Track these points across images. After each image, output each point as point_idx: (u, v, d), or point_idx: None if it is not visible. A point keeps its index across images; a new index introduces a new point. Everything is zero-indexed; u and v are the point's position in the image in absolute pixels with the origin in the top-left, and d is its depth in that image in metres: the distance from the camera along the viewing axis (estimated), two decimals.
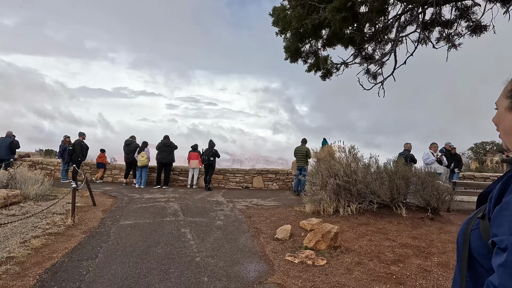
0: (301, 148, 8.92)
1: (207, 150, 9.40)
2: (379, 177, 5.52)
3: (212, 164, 9.37)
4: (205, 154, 9.27)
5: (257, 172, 9.95)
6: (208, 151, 9.31)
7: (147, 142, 9.80)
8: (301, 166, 8.78)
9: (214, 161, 9.39)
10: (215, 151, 9.39)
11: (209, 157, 9.18)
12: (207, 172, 9.48)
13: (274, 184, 9.92)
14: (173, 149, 9.74)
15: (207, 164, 9.28)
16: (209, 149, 9.36)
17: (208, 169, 9.40)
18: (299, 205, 7.14)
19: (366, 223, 5.13)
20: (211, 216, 5.83)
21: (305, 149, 8.85)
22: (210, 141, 9.57)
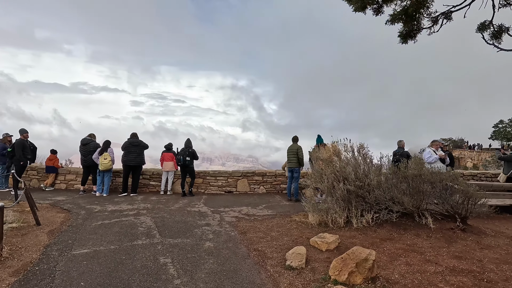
0: (292, 147, 7.95)
1: (183, 149, 8.18)
2: (400, 181, 4.68)
3: (189, 165, 8.13)
4: (181, 154, 8.04)
5: (241, 174, 8.81)
6: (184, 151, 8.09)
7: (109, 141, 8.21)
8: (293, 167, 7.82)
9: (191, 162, 8.17)
10: (192, 151, 8.19)
11: (184, 157, 7.97)
12: (184, 175, 8.24)
13: (261, 188, 8.86)
14: (143, 149, 8.26)
15: (182, 165, 8.06)
16: (186, 149, 8.15)
17: (185, 171, 8.18)
18: (297, 213, 6.15)
19: (389, 238, 4.25)
20: (197, 235, 4.60)
21: (296, 147, 7.89)
22: (187, 140, 8.35)
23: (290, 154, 7.88)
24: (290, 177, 7.91)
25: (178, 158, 8.07)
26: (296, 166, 7.83)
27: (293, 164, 7.82)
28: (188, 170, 8.17)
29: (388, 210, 4.66)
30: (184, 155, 8.00)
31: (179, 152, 8.18)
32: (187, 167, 8.10)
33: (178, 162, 8.13)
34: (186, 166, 8.07)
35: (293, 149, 7.87)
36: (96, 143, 8.29)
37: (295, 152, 7.81)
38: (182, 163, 8.00)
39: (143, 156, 8.27)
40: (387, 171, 5.22)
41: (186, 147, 8.21)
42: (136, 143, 8.12)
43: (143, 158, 8.24)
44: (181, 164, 8.06)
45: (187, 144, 8.28)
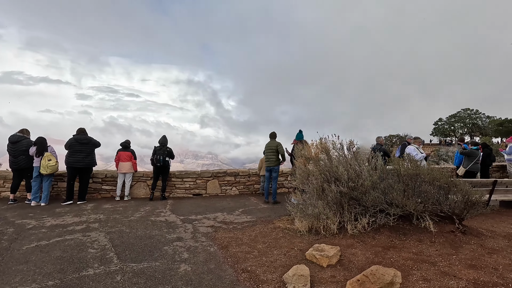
0: (270, 144, 7.29)
1: (160, 148, 7.33)
2: (395, 181, 4.30)
3: (168, 166, 7.33)
4: (159, 154, 7.27)
5: (212, 175, 7.92)
6: (162, 150, 7.26)
7: (44, 138, 6.67)
8: (271, 166, 7.17)
9: (168, 162, 7.35)
10: (169, 149, 7.40)
11: (164, 157, 7.23)
12: (157, 177, 7.39)
13: (233, 189, 8.07)
14: (94, 147, 6.91)
15: (161, 167, 7.27)
16: (163, 147, 7.30)
17: (160, 173, 7.41)
18: (279, 218, 5.54)
19: (392, 246, 3.82)
20: (167, 255, 3.69)
21: (275, 144, 7.26)
22: (163, 138, 7.55)
23: (269, 151, 7.22)
24: (268, 177, 7.25)
25: (157, 158, 7.19)
26: (275, 164, 7.20)
27: (272, 162, 7.17)
28: (164, 171, 7.39)
29: (386, 213, 4.24)
30: (163, 154, 7.24)
31: (157, 151, 7.30)
32: (165, 168, 7.33)
33: (157, 162, 7.18)
34: (165, 167, 7.31)
35: (272, 146, 7.22)
36: (30, 140, 6.71)
37: (274, 149, 7.18)
38: (162, 163, 7.20)
39: (94, 156, 6.92)
40: (379, 171, 4.83)
41: (163, 145, 7.38)
42: (85, 140, 6.74)
43: (93, 158, 6.89)
44: (159, 166, 7.23)
45: (163, 141, 7.42)
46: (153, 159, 7.23)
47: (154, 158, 7.21)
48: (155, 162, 7.19)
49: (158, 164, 7.17)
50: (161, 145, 7.33)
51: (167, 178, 7.46)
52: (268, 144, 7.32)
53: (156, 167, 7.26)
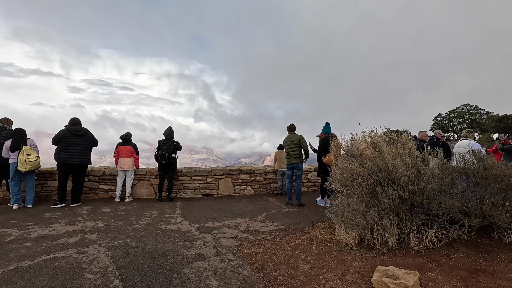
0: (291, 138, 6.36)
1: (165, 142, 6.38)
2: (475, 184, 3.45)
3: (175, 163, 6.50)
4: (165, 149, 6.28)
5: (224, 173, 7.01)
6: (167, 145, 6.34)
7: (23, 129, 5.64)
8: (294, 163, 6.26)
9: (175, 159, 6.42)
10: (176, 143, 6.50)
11: (170, 153, 6.28)
12: (164, 175, 6.47)
13: (248, 188, 7.19)
14: (92, 143, 5.94)
15: (167, 164, 6.34)
16: (169, 141, 6.39)
17: (167, 170, 6.45)
18: (312, 225, 4.69)
19: (479, 269, 2.98)
20: (191, 283, 2.80)
21: (297, 138, 6.32)
22: (169, 130, 6.52)
23: (290, 146, 6.30)
24: (290, 175, 6.36)
25: (162, 154, 6.21)
26: (298, 161, 6.27)
27: (294, 159, 6.26)
28: (171, 169, 6.43)
29: (460, 224, 3.40)
30: (169, 150, 6.26)
31: (162, 147, 6.32)
32: (171, 165, 6.38)
33: (162, 160, 6.23)
34: (171, 164, 6.37)
35: (294, 140, 6.30)
36: (10, 130, 5.70)
37: (297, 144, 6.26)
38: (168, 161, 6.24)
39: (90, 152, 5.94)
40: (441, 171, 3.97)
41: (168, 138, 6.39)
42: (81, 131, 5.76)
43: (88, 154, 5.92)
44: (165, 163, 6.27)
45: (169, 134, 6.43)
46: (158, 155, 6.27)
47: (159, 154, 6.24)
48: (160, 159, 6.22)
49: (163, 161, 6.22)
50: (167, 139, 6.36)
51: (173, 176, 6.53)
52: (289, 138, 6.39)
53: (162, 165, 6.32)
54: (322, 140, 6.05)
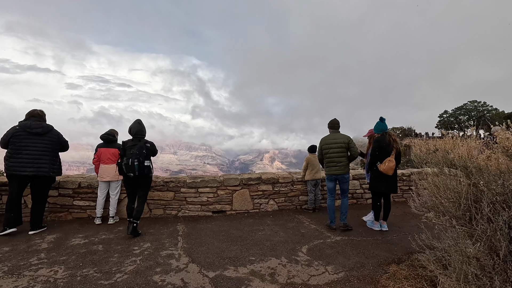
0: (337, 139, 4.64)
1: (133, 145, 4.08)
2: None
3: (148, 175, 4.18)
4: (132, 156, 3.97)
5: (240, 183, 5.36)
6: (137, 148, 4.03)
7: None
8: (340, 174, 4.58)
9: (150, 169, 4.17)
10: (150, 145, 4.21)
11: (141, 158, 3.99)
12: (134, 191, 4.20)
13: (270, 203, 5.54)
14: (54, 143, 4.22)
15: (137, 178, 4.06)
16: (138, 143, 4.10)
17: (137, 187, 4.19)
18: (383, 269, 3.07)
19: None
20: None
21: (346, 139, 4.61)
22: (137, 124, 4.19)
23: (336, 150, 4.60)
24: (332, 189, 4.69)
25: (128, 163, 3.94)
26: (345, 171, 4.60)
27: (340, 168, 4.56)
28: (143, 184, 4.18)
29: None
30: (139, 156, 3.97)
31: (127, 152, 4.02)
32: (143, 179, 4.13)
33: (129, 171, 3.96)
34: (143, 177, 4.11)
35: (340, 141, 4.60)
36: None
37: (344, 147, 4.57)
38: (138, 173, 3.97)
39: (54, 159, 4.22)
40: None
41: (138, 138, 4.12)
42: (40, 129, 4.06)
43: (52, 162, 4.17)
44: (133, 176, 4.01)
45: (138, 131, 4.13)
46: (122, 164, 4.00)
47: (124, 162, 3.98)
48: (126, 169, 3.97)
49: (130, 174, 3.98)
50: (135, 139, 4.10)
51: (146, 195, 4.27)
52: (333, 139, 4.67)
53: (129, 179, 4.07)
54: (377, 141, 4.40)
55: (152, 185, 5.02)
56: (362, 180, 6.12)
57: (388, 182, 4.34)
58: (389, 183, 4.35)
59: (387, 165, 4.23)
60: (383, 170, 4.26)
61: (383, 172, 4.27)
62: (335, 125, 4.77)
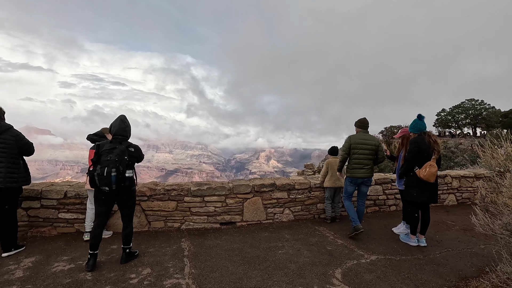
0: (366, 140, 4.20)
1: (111, 148, 3.09)
2: None
3: (130, 189, 3.20)
4: (109, 163, 2.97)
5: (251, 190, 4.70)
6: (116, 153, 3.04)
7: None
8: (365, 177, 4.19)
9: (133, 181, 3.19)
10: (134, 149, 3.26)
11: (121, 167, 3.00)
12: (107, 210, 3.22)
13: (285, 212, 4.90)
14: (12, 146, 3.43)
15: (114, 193, 3.07)
16: (119, 146, 3.12)
17: (118, 202, 3.24)
18: None
19: None
20: None
21: (375, 142, 4.24)
22: (120, 122, 3.23)
23: (365, 151, 4.17)
24: (351, 193, 4.30)
25: (102, 173, 2.95)
26: (370, 174, 4.22)
27: (366, 171, 4.18)
28: (124, 201, 3.23)
29: None
30: (119, 163, 3.00)
31: (102, 158, 3.03)
32: (124, 195, 3.18)
33: (103, 183, 2.96)
34: (122, 193, 3.14)
35: (370, 144, 4.17)
36: None
37: (373, 150, 4.18)
38: (115, 186, 2.99)
39: (16, 166, 3.43)
40: None
41: (119, 139, 3.18)
42: None
43: (14, 169, 3.40)
44: (109, 192, 3.03)
45: (120, 130, 3.19)
46: (94, 173, 3.01)
47: (96, 172, 2.99)
48: (99, 182, 2.98)
49: (106, 188, 2.98)
50: (115, 140, 3.16)
51: (132, 213, 3.34)
52: (362, 139, 4.20)
53: (103, 194, 3.08)
54: (415, 143, 3.78)
55: (151, 194, 4.34)
56: (385, 185, 5.50)
57: (429, 191, 3.73)
58: (430, 191, 3.74)
59: (428, 171, 3.61)
60: (423, 176, 3.64)
61: (423, 179, 3.65)
62: (364, 124, 4.34)
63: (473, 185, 6.36)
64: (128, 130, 3.27)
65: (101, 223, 3.17)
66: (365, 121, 4.35)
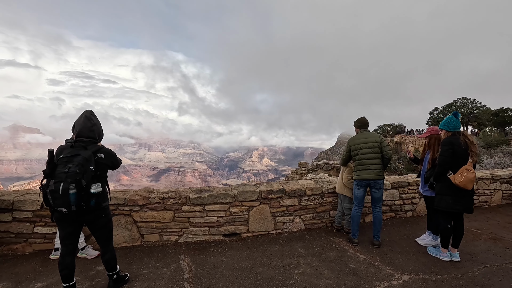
0: (366, 137, 3.89)
1: (71, 153, 2.30)
2: None
3: (100, 206, 2.44)
4: (67, 176, 2.19)
5: (258, 197, 4.17)
6: (77, 160, 2.26)
7: None
8: (373, 179, 3.78)
9: (104, 197, 2.49)
10: (105, 154, 2.48)
11: (83, 181, 2.22)
12: (73, 232, 2.44)
13: (296, 220, 4.38)
14: None
15: (75, 214, 2.29)
16: (82, 151, 2.35)
17: (88, 223, 2.51)
18: None
19: None
20: None
21: (378, 138, 3.86)
22: (83, 119, 2.48)
23: (367, 149, 3.83)
24: (361, 198, 3.90)
25: (55, 190, 2.18)
26: (379, 176, 3.79)
27: (373, 172, 3.77)
28: (93, 222, 2.52)
29: None
30: (80, 175, 2.21)
31: (58, 168, 2.25)
32: (91, 215, 2.43)
33: (58, 204, 2.20)
34: (87, 213, 2.38)
35: (371, 140, 3.85)
36: None
37: (377, 146, 3.82)
38: (77, 208, 2.22)
39: None
40: None
41: (84, 142, 2.42)
42: None
43: None
44: (66, 214, 2.27)
45: (84, 130, 2.45)
46: (47, 191, 2.24)
47: (50, 190, 2.22)
48: (52, 201, 2.24)
49: (62, 209, 2.23)
50: (77, 144, 2.41)
51: (110, 235, 2.68)
52: (362, 138, 3.91)
53: (61, 216, 2.34)
54: (450, 144, 3.31)
55: (145, 203, 3.76)
56: (401, 189, 5.05)
57: (464, 199, 3.27)
58: (466, 200, 3.28)
59: (466, 177, 3.14)
60: (459, 183, 3.17)
61: (459, 186, 3.19)
62: (363, 123, 4.03)
63: (490, 187, 5.98)
64: (96, 129, 2.52)
65: (68, 250, 2.43)
66: (364, 120, 4.03)
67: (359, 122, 4.08)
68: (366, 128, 4.04)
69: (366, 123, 4.06)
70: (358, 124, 4.08)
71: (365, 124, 4.05)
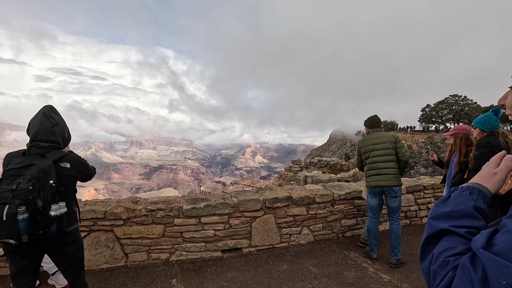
0: (378, 137, 3.41)
1: (23, 163, 1.67)
2: None
3: (65, 231, 1.77)
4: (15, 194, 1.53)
5: (261, 206, 3.64)
6: (31, 173, 1.63)
7: None
8: (389, 185, 3.27)
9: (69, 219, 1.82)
10: (70, 165, 1.81)
11: (38, 200, 1.59)
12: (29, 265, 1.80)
13: (304, 231, 3.88)
14: None
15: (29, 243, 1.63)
16: (39, 159, 1.71)
17: (49, 252, 1.85)
18: None
19: None
20: None
21: (391, 138, 3.38)
22: (40, 118, 1.81)
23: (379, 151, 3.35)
24: (376, 207, 3.44)
25: None
26: (395, 182, 3.29)
27: (388, 177, 3.27)
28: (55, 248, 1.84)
29: None
30: (33, 192, 1.58)
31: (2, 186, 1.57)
32: (48, 244, 1.80)
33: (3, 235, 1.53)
34: (45, 242, 1.76)
35: (384, 140, 3.36)
36: None
37: (391, 147, 3.33)
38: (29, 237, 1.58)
39: None
40: None
41: (42, 148, 1.77)
42: None
43: None
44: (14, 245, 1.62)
45: (40, 132, 1.79)
46: None
47: None
48: None
49: (8, 240, 1.55)
50: (33, 150, 1.76)
51: (79, 266, 2.00)
52: (373, 139, 3.43)
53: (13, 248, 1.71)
54: (488, 145, 2.84)
55: (130, 216, 3.19)
56: (417, 193, 4.60)
57: (506, 209, 2.81)
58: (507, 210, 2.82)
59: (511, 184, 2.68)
60: (502, 191, 2.70)
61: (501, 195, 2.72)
62: (375, 122, 3.56)
63: None
64: (59, 130, 1.88)
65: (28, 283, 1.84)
66: (376, 119, 3.56)
67: (370, 121, 3.59)
68: (378, 127, 3.56)
69: (379, 122, 3.59)
70: (369, 124, 3.60)
71: (377, 123, 3.58)
